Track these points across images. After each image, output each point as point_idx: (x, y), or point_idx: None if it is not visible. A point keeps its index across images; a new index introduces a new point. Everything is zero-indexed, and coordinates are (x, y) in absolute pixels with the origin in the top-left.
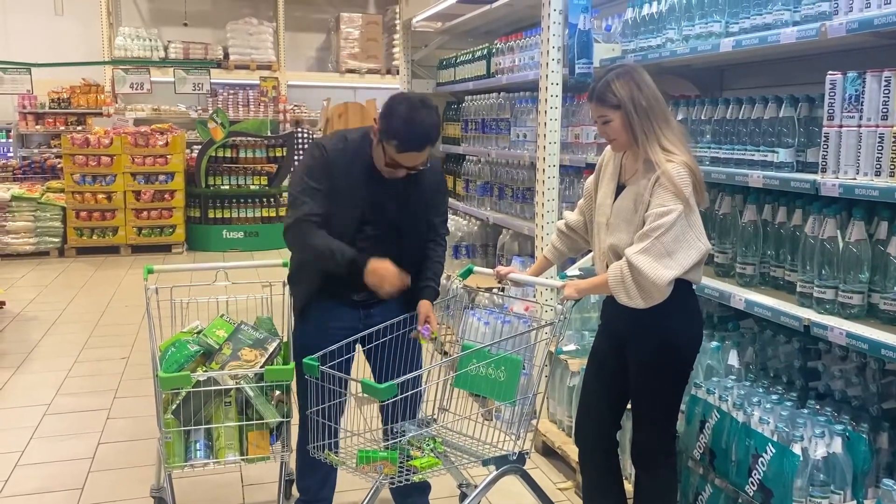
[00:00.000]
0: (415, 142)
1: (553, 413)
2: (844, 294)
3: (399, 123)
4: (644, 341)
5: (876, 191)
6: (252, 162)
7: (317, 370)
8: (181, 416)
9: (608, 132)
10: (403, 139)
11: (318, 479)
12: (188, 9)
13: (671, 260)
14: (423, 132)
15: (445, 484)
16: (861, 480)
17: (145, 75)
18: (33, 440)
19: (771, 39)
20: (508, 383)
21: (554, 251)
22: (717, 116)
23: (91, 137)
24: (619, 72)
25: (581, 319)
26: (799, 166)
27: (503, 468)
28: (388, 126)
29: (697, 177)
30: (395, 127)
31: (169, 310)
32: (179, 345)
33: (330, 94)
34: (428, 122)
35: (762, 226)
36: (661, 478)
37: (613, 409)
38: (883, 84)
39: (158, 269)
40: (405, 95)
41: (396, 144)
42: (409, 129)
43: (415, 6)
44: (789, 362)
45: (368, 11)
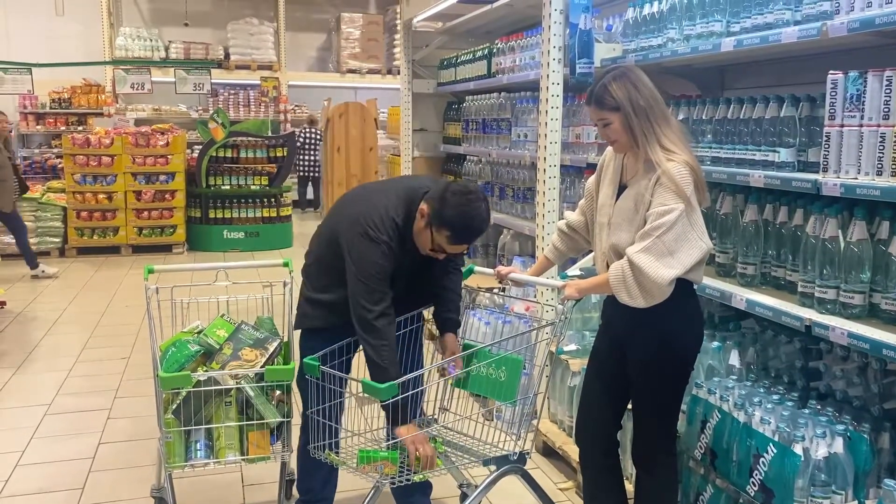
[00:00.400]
0: (469, 235)
1: (554, 413)
2: (846, 294)
3: (455, 216)
4: (645, 341)
5: (877, 190)
6: (253, 162)
7: (317, 370)
8: (181, 415)
9: (609, 134)
10: (458, 232)
11: (319, 480)
12: (189, 9)
13: (672, 259)
14: (478, 227)
15: (446, 484)
16: (862, 481)
17: (146, 75)
18: (34, 440)
19: (772, 39)
20: (509, 383)
21: (555, 251)
22: (718, 116)
23: (92, 137)
24: (615, 74)
25: (582, 319)
26: (800, 166)
27: (504, 468)
28: (441, 215)
29: (699, 176)
30: (451, 219)
31: (169, 310)
32: (180, 345)
33: (331, 94)
34: (483, 217)
35: (763, 226)
36: (662, 478)
37: (614, 409)
38: (884, 83)
39: (159, 269)
40: (460, 185)
41: (449, 236)
42: (464, 222)
43: (415, 6)
44: (790, 362)
45: (369, 11)
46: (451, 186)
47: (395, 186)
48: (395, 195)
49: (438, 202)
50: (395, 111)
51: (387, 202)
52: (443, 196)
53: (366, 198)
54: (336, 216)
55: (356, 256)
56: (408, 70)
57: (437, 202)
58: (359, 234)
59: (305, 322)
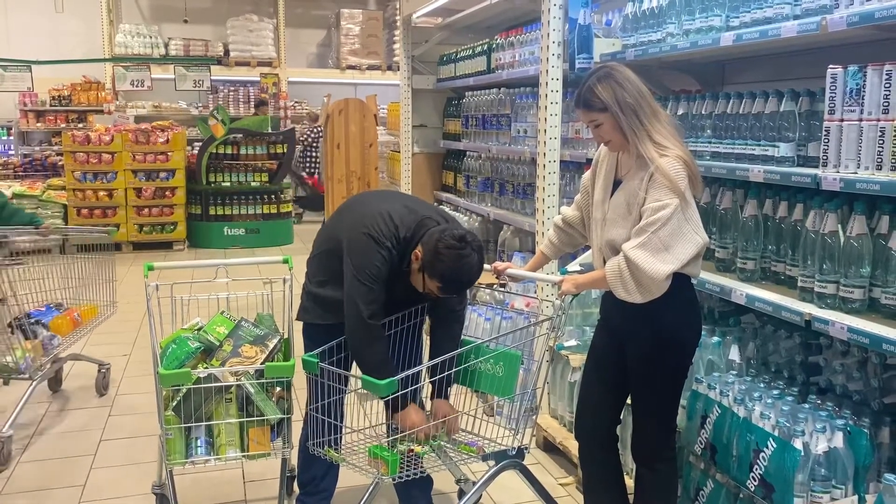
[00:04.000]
0: (458, 287)
1: (554, 408)
2: (845, 288)
3: (446, 269)
4: (643, 336)
5: (877, 185)
6: (253, 159)
7: (316, 367)
8: (182, 412)
9: (601, 135)
10: (448, 283)
11: (319, 472)
12: (188, 5)
13: (668, 254)
14: (468, 280)
15: (445, 479)
16: (862, 475)
17: (146, 72)
18: (35, 436)
19: (772, 33)
20: (507, 379)
21: (551, 246)
22: (717, 111)
23: (92, 135)
24: (599, 75)
25: (582, 315)
26: (800, 161)
27: (502, 463)
28: (433, 266)
29: (692, 169)
30: (442, 271)
31: (170, 307)
32: (180, 341)
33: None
34: (474, 271)
35: (763, 220)
36: (662, 473)
37: (614, 404)
38: (884, 78)
39: (159, 266)
40: (453, 236)
41: (440, 287)
42: (454, 275)
43: (415, 2)
44: (790, 357)
45: (369, 7)
46: (445, 238)
47: (402, 201)
48: (405, 209)
49: (431, 253)
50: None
51: (393, 213)
52: (436, 247)
53: (373, 204)
54: (341, 217)
55: (356, 255)
56: (407, 66)
57: (429, 252)
58: (362, 233)
59: (305, 317)
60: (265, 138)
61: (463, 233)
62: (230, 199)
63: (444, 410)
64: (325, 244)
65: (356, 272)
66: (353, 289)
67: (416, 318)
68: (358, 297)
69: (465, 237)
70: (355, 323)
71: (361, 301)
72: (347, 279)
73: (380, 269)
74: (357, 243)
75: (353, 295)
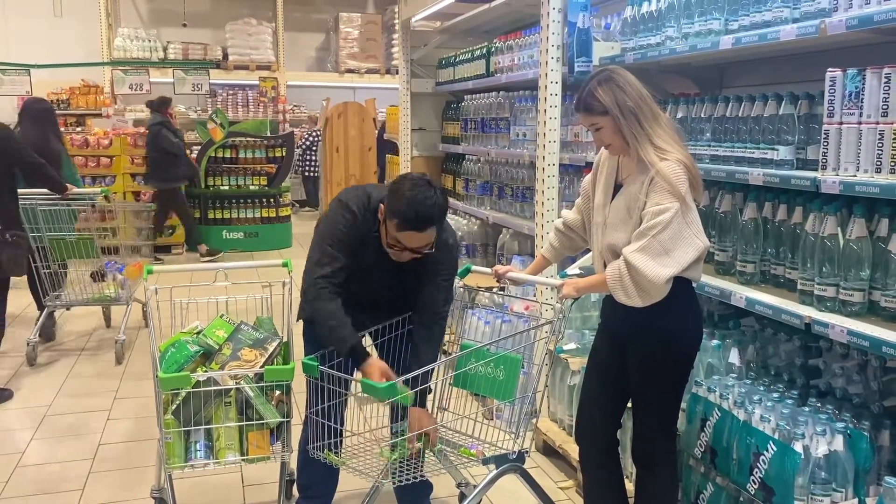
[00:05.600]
0: (415, 221)
1: (554, 412)
2: (845, 291)
3: (402, 202)
4: (643, 339)
5: (876, 188)
6: (252, 162)
7: (316, 370)
8: (181, 416)
9: (601, 138)
10: (404, 217)
11: (318, 477)
12: (187, 9)
13: (669, 258)
14: (425, 211)
15: (446, 483)
16: (863, 478)
17: (144, 76)
18: (33, 441)
19: (770, 37)
20: (507, 382)
21: (552, 250)
22: (716, 114)
23: (90, 138)
24: (600, 78)
25: (581, 318)
26: (799, 164)
27: (503, 467)
28: (391, 204)
29: (693, 173)
30: (397, 205)
31: (169, 310)
32: (179, 345)
33: (329, 93)
34: (430, 202)
35: (762, 223)
36: (663, 476)
37: (614, 408)
38: (883, 81)
39: (158, 269)
40: (410, 175)
41: (397, 223)
42: (410, 207)
43: (414, 5)
44: (790, 360)
45: (367, 11)
46: (405, 175)
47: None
48: (382, 186)
49: (390, 193)
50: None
51: (369, 187)
52: (394, 186)
53: (355, 187)
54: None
55: (323, 223)
56: (406, 69)
57: (389, 194)
58: (333, 202)
59: (301, 313)
60: (264, 142)
61: (422, 175)
62: (229, 202)
63: (419, 418)
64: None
65: (319, 238)
66: (313, 251)
67: (410, 326)
68: (314, 259)
69: (425, 178)
70: (306, 283)
71: (315, 263)
72: (310, 248)
73: (343, 234)
74: (327, 214)
75: (311, 257)
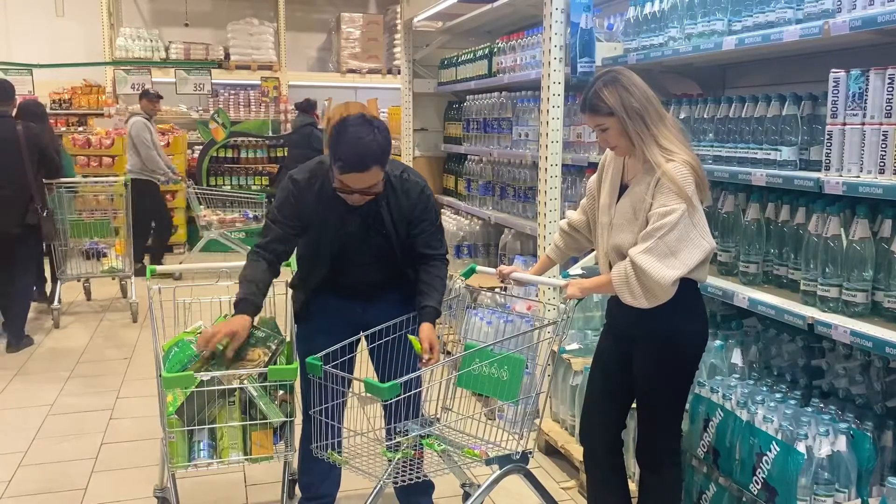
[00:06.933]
0: (354, 162)
1: (556, 412)
2: (848, 292)
3: (341, 144)
4: (649, 340)
5: (880, 188)
6: (253, 162)
7: (320, 369)
8: (184, 416)
9: (607, 139)
10: (344, 159)
11: (320, 477)
12: (189, 9)
13: (675, 259)
14: (363, 151)
15: (449, 484)
16: (866, 478)
17: (146, 76)
18: (36, 440)
19: (774, 38)
20: (511, 382)
21: (556, 250)
22: (719, 115)
23: (92, 138)
24: (606, 79)
25: (584, 319)
26: (802, 164)
27: (506, 468)
28: (332, 149)
29: (699, 174)
30: (338, 149)
31: (172, 310)
32: (182, 345)
33: (331, 94)
34: (368, 141)
35: (765, 224)
36: (666, 477)
37: (618, 409)
38: (886, 82)
39: (161, 269)
40: (351, 116)
41: (340, 166)
42: (348, 148)
43: (416, 6)
44: (793, 360)
45: (369, 11)
46: (345, 118)
47: None
48: None
49: (332, 137)
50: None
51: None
52: (334, 130)
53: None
54: None
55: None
56: (408, 70)
57: (331, 138)
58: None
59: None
60: (266, 142)
61: (363, 114)
62: (231, 202)
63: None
64: None
65: (269, 212)
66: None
67: (413, 326)
68: (262, 231)
69: (365, 116)
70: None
71: (261, 235)
72: None
73: (282, 203)
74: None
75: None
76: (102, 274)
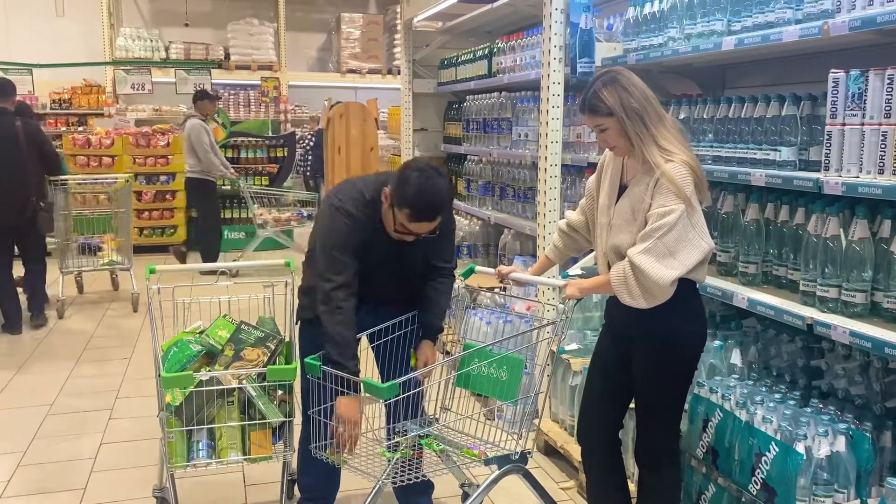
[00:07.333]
0: (427, 211)
1: (555, 412)
2: (847, 293)
3: (412, 192)
4: (648, 341)
5: (879, 189)
6: (253, 162)
7: (319, 369)
8: (183, 416)
9: (606, 140)
10: (416, 208)
11: (320, 477)
12: (189, 9)
13: (674, 260)
14: (436, 202)
15: (448, 484)
16: (865, 479)
17: (146, 76)
18: (35, 440)
19: (773, 38)
20: (510, 383)
21: (555, 250)
22: (719, 115)
23: (92, 138)
24: (605, 79)
25: (583, 319)
26: (801, 165)
27: (505, 468)
28: (401, 195)
29: (698, 175)
30: (409, 196)
31: (171, 310)
32: (182, 345)
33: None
34: (440, 191)
35: (765, 224)
36: (665, 477)
37: (616, 408)
38: (886, 82)
39: (161, 268)
40: (418, 163)
41: (409, 213)
42: (421, 198)
43: (416, 6)
44: (792, 361)
45: (369, 11)
46: (409, 165)
47: (378, 173)
48: (371, 178)
49: (398, 182)
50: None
51: (359, 182)
52: (401, 175)
53: (344, 182)
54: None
55: (322, 227)
56: (408, 70)
57: (396, 182)
58: (327, 205)
59: (300, 313)
60: (266, 142)
61: (427, 161)
62: (230, 202)
63: (428, 353)
64: (312, 241)
65: (323, 247)
66: (321, 261)
67: (412, 326)
68: (324, 269)
69: (430, 164)
70: (321, 295)
71: (328, 272)
72: (317, 256)
73: (346, 239)
74: (324, 219)
75: (320, 268)
76: (102, 267)
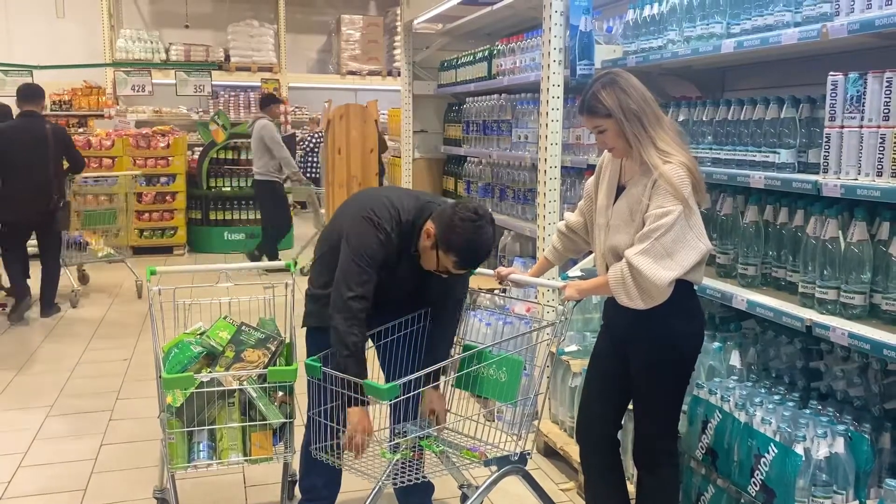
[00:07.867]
0: (475, 261)
1: (555, 414)
2: (846, 294)
3: (462, 242)
4: (645, 342)
5: (877, 191)
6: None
7: (319, 371)
8: (184, 417)
9: (605, 141)
10: (464, 258)
11: (321, 478)
12: (189, 11)
13: (671, 261)
14: (485, 252)
15: (447, 485)
16: (863, 480)
17: (146, 77)
18: (36, 441)
19: (772, 40)
20: (510, 384)
21: (554, 252)
22: (718, 117)
23: (93, 139)
24: (604, 81)
25: (583, 320)
26: (800, 167)
27: (505, 469)
28: (448, 241)
29: (696, 176)
30: (457, 245)
31: (171, 311)
32: (182, 346)
33: (331, 95)
34: (489, 241)
35: (764, 226)
36: (664, 478)
37: (615, 410)
38: (884, 85)
39: (161, 270)
40: (467, 208)
41: (456, 262)
42: (470, 248)
43: (416, 8)
44: (791, 363)
45: (369, 13)
46: (460, 210)
47: (406, 190)
48: (406, 196)
49: (446, 226)
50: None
51: (395, 199)
52: (451, 220)
53: (375, 194)
54: (342, 213)
55: (354, 238)
56: (408, 72)
57: (444, 226)
58: (361, 217)
59: (308, 320)
60: None
61: (476, 206)
62: (230, 203)
63: (434, 401)
64: (326, 243)
65: (352, 254)
66: (345, 269)
67: (419, 324)
68: (348, 277)
69: (479, 210)
70: (338, 301)
71: (351, 280)
72: (342, 261)
73: (375, 252)
74: (356, 227)
75: (343, 274)
76: (100, 259)
